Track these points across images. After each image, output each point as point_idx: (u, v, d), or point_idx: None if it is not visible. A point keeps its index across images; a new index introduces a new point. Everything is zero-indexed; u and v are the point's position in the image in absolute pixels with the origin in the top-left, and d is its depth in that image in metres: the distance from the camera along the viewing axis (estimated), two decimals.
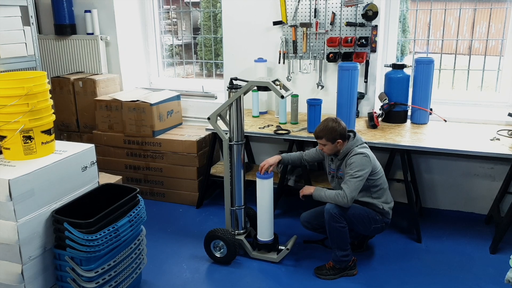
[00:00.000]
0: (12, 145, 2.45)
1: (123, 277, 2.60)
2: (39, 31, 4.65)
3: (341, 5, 3.68)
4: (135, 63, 4.74)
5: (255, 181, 3.16)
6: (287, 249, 3.14)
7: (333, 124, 2.87)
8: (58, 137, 4.08)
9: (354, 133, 2.97)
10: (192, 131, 4.19)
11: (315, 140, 3.40)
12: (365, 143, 2.99)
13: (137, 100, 4.03)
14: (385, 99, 3.64)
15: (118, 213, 2.50)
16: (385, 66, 3.76)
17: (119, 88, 4.57)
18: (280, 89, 2.92)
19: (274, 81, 2.91)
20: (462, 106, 3.83)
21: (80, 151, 2.64)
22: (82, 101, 4.37)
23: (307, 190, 3.02)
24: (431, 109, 3.63)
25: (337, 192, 2.84)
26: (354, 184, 2.81)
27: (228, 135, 3.10)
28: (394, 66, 3.62)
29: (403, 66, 3.60)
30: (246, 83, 2.93)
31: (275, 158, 3.17)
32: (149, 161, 4.11)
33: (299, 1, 3.77)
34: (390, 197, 3.06)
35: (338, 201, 2.83)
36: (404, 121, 3.69)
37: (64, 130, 4.54)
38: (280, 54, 3.93)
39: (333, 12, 3.70)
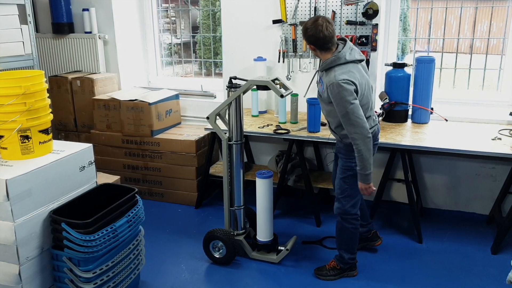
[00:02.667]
0: (10, 145, 2.43)
1: (121, 278, 2.58)
2: (37, 29, 4.62)
3: (341, 3, 3.66)
4: (134, 62, 4.71)
5: (254, 181, 3.14)
6: (287, 249, 3.12)
7: (307, 26, 2.54)
8: (55, 137, 4.06)
9: (345, 42, 2.61)
10: (191, 131, 4.16)
11: (315, 140, 3.41)
12: (351, 61, 2.57)
13: (136, 100, 4.00)
14: (386, 98, 3.62)
15: (116, 213, 2.49)
16: (385, 65, 3.73)
17: (117, 87, 4.54)
18: (280, 88, 2.90)
19: (273, 80, 2.88)
20: (463, 105, 3.81)
21: (78, 151, 2.62)
22: (80, 101, 4.34)
23: (368, 189, 2.65)
24: (432, 109, 3.61)
25: (355, 149, 2.55)
26: (352, 122, 2.49)
27: (227, 134, 3.08)
28: (395, 65, 3.60)
29: (403, 65, 3.58)
30: (245, 82, 2.91)
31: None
32: (148, 160, 4.08)
33: (298, 0, 3.74)
34: (371, 122, 2.70)
35: (364, 148, 2.51)
36: (405, 120, 3.67)
37: (62, 130, 4.51)
38: (279, 53, 3.91)
39: (333, 11, 3.68)
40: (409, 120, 3.69)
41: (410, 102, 3.63)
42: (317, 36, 2.55)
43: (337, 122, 2.68)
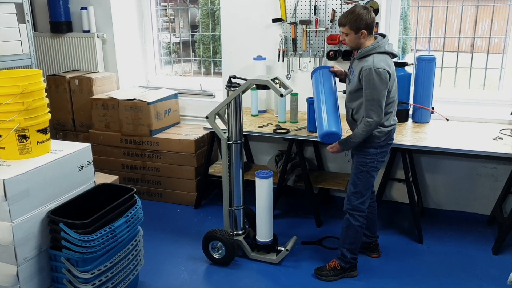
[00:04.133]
0: (7, 145, 2.41)
1: (120, 279, 2.56)
2: (35, 28, 4.59)
3: (341, 2, 3.64)
4: (132, 61, 4.69)
5: (254, 181, 3.12)
6: (287, 250, 3.10)
7: (361, 11, 2.58)
8: (53, 136, 4.03)
9: (383, 36, 2.69)
10: (190, 130, 4.14)
11: (315, 140, 3.39)
12: (388, 52, 2.64)
13: (134, 99, 3.98)
14: None
15: (115, 213, 2.47)
16: None
17: (116, 86, 4.52)
18: (280, 87, 2.88)
19: (273, 80, 2.87)
20: (464, 104, 3.78)
21: (76, 151, 2.61)
22: (78, 100, 4.31)
23: (334, 148, 2.79)
24: (432, 108, 3.59)
25: (360, 126, 2.63)
26: (373, 108, 2.57)
27: (226, 134, 3.06)
28: (395, 64, 3.54)
29: (404, 64, 3.56)
30: (245, 81, 2.89)
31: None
32: (147, 160, 4.06)
33: None
34: (391, 121, 2.77)
35: (368, 131, 2.61)
36: (406, 120, 3.65)
37: (60, 129, 4.49)
38: (279, 52, 3.89)
39: (333, 9, 3.66)
40: (410, 120, 3.67)
41: (411, 101, 3.61)
42: (371, 18, 2.63)
43: (359, 106, 2.71)
